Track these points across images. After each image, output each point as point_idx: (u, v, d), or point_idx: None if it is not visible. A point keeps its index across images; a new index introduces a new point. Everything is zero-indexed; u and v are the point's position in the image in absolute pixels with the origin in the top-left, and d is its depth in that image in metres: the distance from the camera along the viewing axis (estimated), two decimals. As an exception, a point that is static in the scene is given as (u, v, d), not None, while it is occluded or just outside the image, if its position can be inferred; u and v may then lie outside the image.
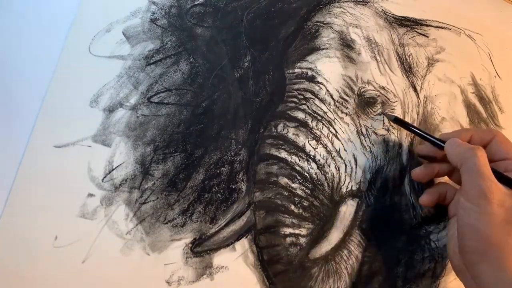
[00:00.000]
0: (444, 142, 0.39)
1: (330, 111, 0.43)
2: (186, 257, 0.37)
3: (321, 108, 0.43)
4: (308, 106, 0.42)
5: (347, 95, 0.44)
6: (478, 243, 0.34)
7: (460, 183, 0.39)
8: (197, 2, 0.41)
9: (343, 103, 0.43)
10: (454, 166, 0.37)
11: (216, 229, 0.38)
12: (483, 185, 0.34)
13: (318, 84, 0.43)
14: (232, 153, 0.39)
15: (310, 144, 0.42)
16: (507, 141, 0.38)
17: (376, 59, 0.46)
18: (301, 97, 0.42)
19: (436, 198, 0.41)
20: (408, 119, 0.46)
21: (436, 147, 0.40)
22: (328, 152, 0.42)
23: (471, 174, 0.35)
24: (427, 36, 0.49)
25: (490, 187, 0.33)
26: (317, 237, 0.41)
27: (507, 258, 0.33)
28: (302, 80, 0.42)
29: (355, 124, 0.44)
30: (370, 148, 0.44)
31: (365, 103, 0.44)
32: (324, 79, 0.43)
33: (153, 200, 0.36)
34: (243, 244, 0.38)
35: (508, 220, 0.33)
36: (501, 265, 0.32)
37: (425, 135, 0.41)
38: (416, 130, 0.42)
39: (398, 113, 0.45)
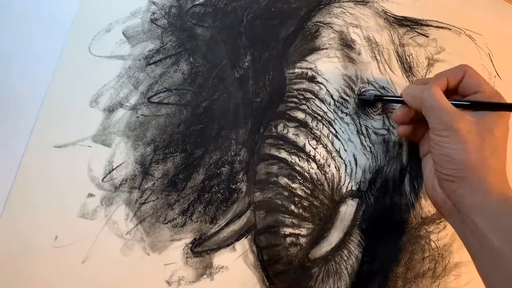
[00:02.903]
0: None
1: (330, 111, 0.43)
2: (186, 257, 0.37)
3: (321, 108, 0.43)
4: (308, 106, 0.42)
5: (347, 95, 0.44)
6: (455, 170, 0.35)
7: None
8: (197, 2, 0.41)
9: (343, 103, 0.43)
10: (419, 111, 0.38)
11: (216, 229, 0.38)
12: (445, 117, 0.35)
13: (318, 84, 0.43)
14: (232, 153, 0.39)
15: (310, 144, 0.42)
16: (476, 75, 0.39)
17: (376, 59, 0.46)
18: (301, 97, 0.42)
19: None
20: (408, 119, 0.46)
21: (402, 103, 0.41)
22: (328, 152, 0.42)
23: (432, 111, 0.36)
24: (427, 36, 0.49)
25: (453, 117, 0.35)
26: (317, 237, 0.41)
27: (485, 179, 0.34)
28: (302, 80, 0.42)
29: (355, 124, 0.44)
30: (370, 148, 0.44)
31: (365, 103, 0.44)
32: (324, 79, 0.43)
33: (153, 200, 0.36)
34: (243, 244, 0.38)
35: (479, 144, 0.34)
36: (481, 186, 0.34)
37: (395, 98, 0.42)
38: (393, 98, 0.42)
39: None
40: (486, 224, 0.33)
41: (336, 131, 0.43)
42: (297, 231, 0.40)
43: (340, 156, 0.42)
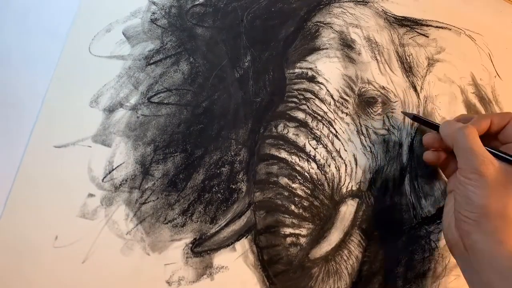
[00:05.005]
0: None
1: (331, 111, 0.43)
2: (186, 257, 0.37)
3: (321, 108, 0.43)
4: (308, 106, 0.42)
5: (347, 95, 0.44)
6: (473, 214, 0.35)
7: None
8: (197, 2, 0.41)
9: (343, 103, 0.43)
10: (450, 147, 0.38)
11: (216, 229, 0.38)
12: (475, 161, 0.35)
13: (318, 84, 0.43)
14: (232, 153, 0.39)
15: (310, 144, 0.42)
16: None
17: (377, 59, 0.46)
18: (301, 97, 0.42)
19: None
20: (408, 119, 0.46)
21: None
22: (328, 152, 0.42)
23: (463, 152, 0.36)
24: (427, 36, 0.49)
25: (482, 162, 0.35)
26: (317, 237, 0.41)
27: (501, 230, 0.34)
28: (302, 80, 0.42)
29: (355, 124, 0.44)
30: (370, 148, 0.44)
31: (366, 103, 0.44)
32: (324, 79, 0.43)
33: (153, 200, 0.36)
34: (243, 244, 0.38)
35: (502, 194, 0.34)
36: (495, 236, 0.34)
37: (432, 123, 0.42)
38: (431, 123, 0.42)
39: (398, 113, 0.45)
40: (494, 276, 0.33)
41: (336, 131, 0.43)
42: (297, 231, 0.40)
43: (340, 156, 0.42)
